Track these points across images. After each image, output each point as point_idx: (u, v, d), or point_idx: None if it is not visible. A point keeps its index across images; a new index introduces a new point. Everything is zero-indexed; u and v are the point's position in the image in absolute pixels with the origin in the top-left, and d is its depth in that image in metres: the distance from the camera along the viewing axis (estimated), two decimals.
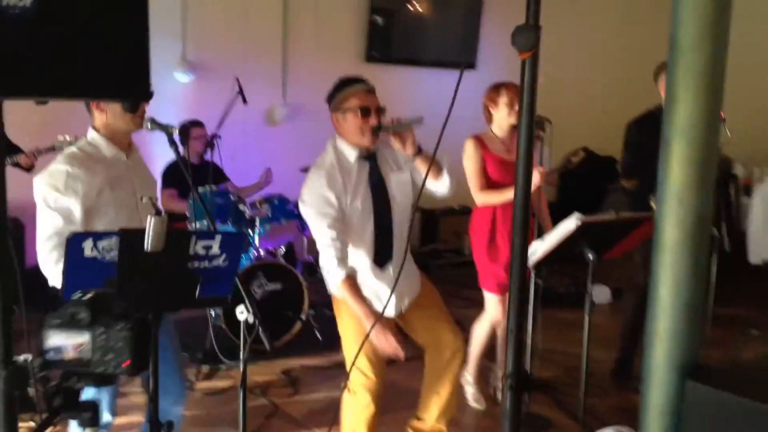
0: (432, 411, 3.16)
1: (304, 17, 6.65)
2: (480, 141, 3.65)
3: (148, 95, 1.33)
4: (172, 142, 2.44)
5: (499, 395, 4.00)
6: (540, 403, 3.89)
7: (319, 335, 4.74)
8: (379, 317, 2.68)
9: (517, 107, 3.63)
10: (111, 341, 1.39)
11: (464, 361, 3.19)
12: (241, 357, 2.35)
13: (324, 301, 5.00)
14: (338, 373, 4.18)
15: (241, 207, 4.66)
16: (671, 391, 2.60)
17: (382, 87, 5.40)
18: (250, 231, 4.51)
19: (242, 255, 4.34)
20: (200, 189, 4.56)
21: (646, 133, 4.04)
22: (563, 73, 7.19)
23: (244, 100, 5.36)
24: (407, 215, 2.94)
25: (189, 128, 4.91)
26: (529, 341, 3.59)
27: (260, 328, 2.32)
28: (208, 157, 4.94)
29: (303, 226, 5.02)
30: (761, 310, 5.71)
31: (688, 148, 2.57)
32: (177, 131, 2.47)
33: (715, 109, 2.58)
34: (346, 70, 3.54)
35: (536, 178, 3.44)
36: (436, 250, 7.57)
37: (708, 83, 2.55)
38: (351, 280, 2.72)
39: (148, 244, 1.88)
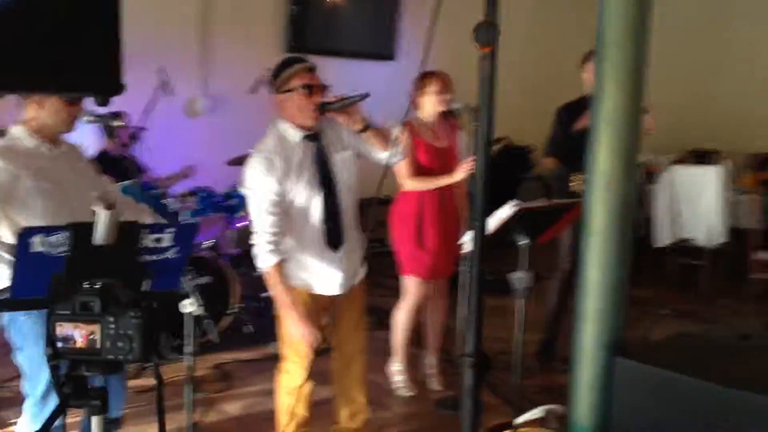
0: (343, 413, 3.18)
1: (223, 7, 6.55)
2: (411, 127, 3.71)
3: (119, 89, 1.31)
4: (111, 135, 2.39)
5: (432, 382, 4.08)
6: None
7: (250, 328, 4.71)
8: (299, 314, 2.76)
9: (446, 95, 3.72)
10: (121, 329, 1.37)
11: (386, 355, 3.22)
12: (185, 350, 2.34)
13: (253, 294, 4.98)
14: (271, 365, 4.14)
15: (167, 200, 4.57)
16: (600, 368, 2.75)
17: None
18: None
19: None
20: (125, 182, 4.45)
21: (574, 118, 4.24)
22: (471, 61, 7.34)
23: (169, 92, 5.24)
24: (354, 194, 2.96)
25: (111, 120, 4.73)
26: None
27: (209, 320, 2.31)
28: (131, 149, 4.81)
29: (231, 219, 4.98)
30: (667, 291, 6.08)
31: (614, 137, 2.72)
32: (115, 122, 2.42)
33: (637, 101, 2.74)
34: (266, 61, 3.50)
35: (466, 168, 3.54)
36: None
37: (631, 77, 2.71)
38: (278, 268, 2.76)
39: (97, 237, 1.85)
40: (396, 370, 4.08)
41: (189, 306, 2.29)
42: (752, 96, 7.43)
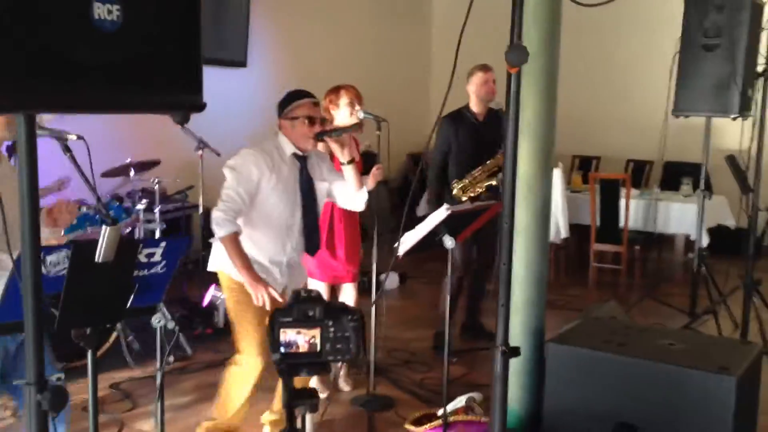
0: (278, 404, 3.30)
1: None
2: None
3: (201, 107, 1.30)
4: (66, 149, 2.24)
5: (341, 383, 4.16)
6: (378, 386, 4.12)
7: (136, 345, 4.50)
8: (255, 274, 2.89)
9: (358, 106, 3.84)
10: (339, 332, 1.36)
11: None
12: (158, 365, 2.26)
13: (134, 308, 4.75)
14: (172, 379, 4.05)
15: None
16: (528, 353, 3.04)
17: None
18: None
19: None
20: None
21: (456, 127, 4.54)
22: (317, 67, 7.52)
23: None
24: (319, 217, 3.27)
25: (64, 132, 4.30)
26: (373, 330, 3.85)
27: (179, 334, 2.25)
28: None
29: None
30: (556, 282, 6.57)
31: (532, 143, 3.01)
32: (69, 135, 2.26)
33: (552, 109, 3.06)
34: None
35: (377, 176, 3.69)
36: None
37: (547, 86, 3.02)
38: (234, 236, 2.92)
39: (99, 254, 1.77)
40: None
41: (160, 320, 2.22)
42: (574, 102, 8.29)
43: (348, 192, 3.17)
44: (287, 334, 1.38)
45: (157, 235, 4.75)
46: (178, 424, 3.62)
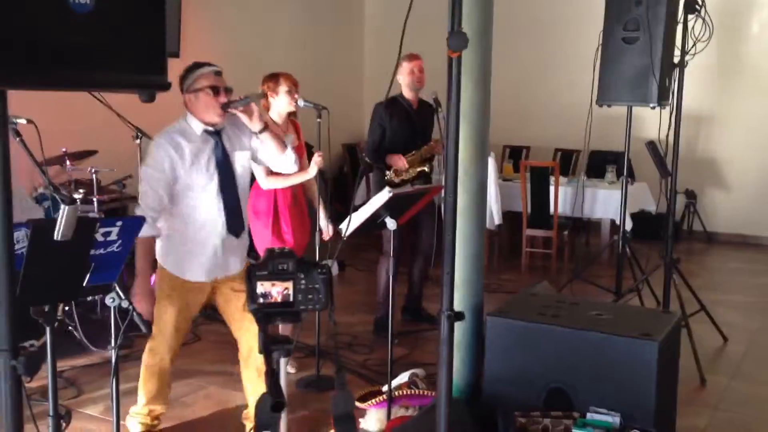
0: (250, 399, 3.32)
1: None
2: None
3: (166, 85, 1.38)
4: (17, 134, 2.25)
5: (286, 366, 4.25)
6: (323, 367, 4.23)
7: (79, 333, 4.47)
8: (147, 281, 2.94)
9: (296, 94, 3.91)
10: (310, 284, 1.44)
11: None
12: (112, 344, 2.31)
13: (91, 286, 4.71)
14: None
15: None
16: (468, 329, 3.20)
17: None
18: None
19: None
20: None
21: (391, 114, 4.67)
22: (251, 56, 7.54)
23: None
24: (247, 190, 3.18)
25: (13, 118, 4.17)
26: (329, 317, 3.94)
27: (134, 313, 2.30)
28: None
29: None
30: (491, 267, 6.75)
31: (468, 129, 3.17)
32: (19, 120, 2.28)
33: (486, 98, 3.22)
34: None
35: (318, 163, 3.78)
36: None
37: (481, 77, 3.18)
38: (150, 240, 2.93)
39: (58, 233, 1.82)
40: None
41: (114, 299, 2.27)
42: (503, 93, 8.55)
43: (274, 157, 3.12)
44: (263, 286, 1.49)
45: None
46: (124, 410, 3.64)
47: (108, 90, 1.49)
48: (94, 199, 4.72)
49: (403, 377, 3.59)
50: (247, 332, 3.16)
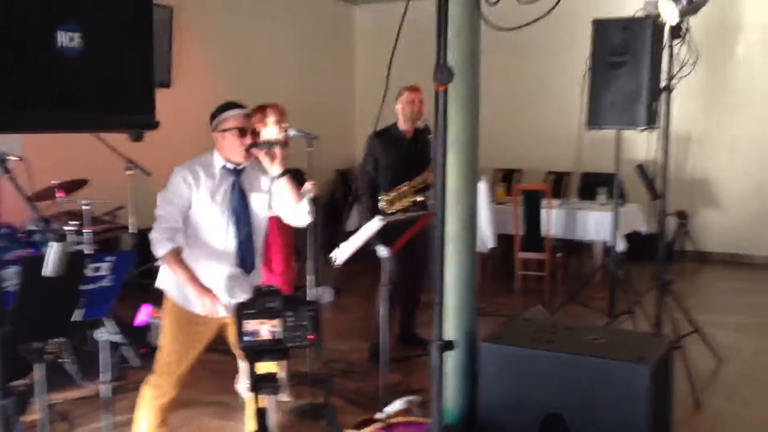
0: (249, 429, 3.31)
1: None
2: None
3: (154, 124, 1.39)
4: (6, 170, 2.25)
5: (282, 394, 4.21)
6: (316, 395, 4.22)
7: (72, 366, 4.44)
8: (202, 285, 2.90)
9: (285, 124, 3.94)
10: (298, 321, 1.45)
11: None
12: (101, 378, 2.30)
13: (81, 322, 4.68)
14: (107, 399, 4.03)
15: None
16: (462, 355, 3.19)
17: None
18: None
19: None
20: None
21: (385, 143, 4.71)
22: (242, 86, 7.58)
23: None
24: (263, 230, 3.21)
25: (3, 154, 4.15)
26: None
27: (130, 347, 2.30)
28: None
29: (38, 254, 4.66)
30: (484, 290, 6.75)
31: (458, 158, 3.19)
32: (10, 157, 2.28)
33: (474, 125, 3.24)
34: None
35: (310, 191, 3.79)
36: None
37: (469, 104, 3.21)
38: (175, 251, 2.92)
39: (47, 269, 1.83)
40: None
41: (105, 333, 2.26)
42: (495, 117, 8.62)
43: (288, 205, 3.15)
44: (251, 324, 1.49)
45: None
46: None
47: (96, 131, 1.50)
48: (85, 231, 4.71)
49: (398, 404, 3.57)
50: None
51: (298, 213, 3.15)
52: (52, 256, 1.83)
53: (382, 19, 8.96)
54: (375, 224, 3.08)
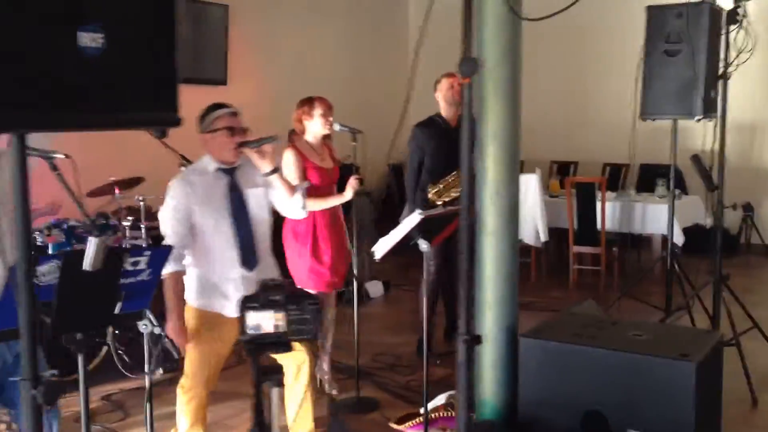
0: (289, 422, 3.38)
1: None
2: (298, 151, 3.92)
3: (177, 121, 1.43)
4: (54, 168, 2.36)
5: (326, 386, 4.27)
6: (365, 389, 4.25)
7: (126, 357, 4.60)
8: (180, 323, 3.02)
9: (330, 117, 3.99)
10: (300, 315, 1.50)
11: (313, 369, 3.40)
12: (146, 369, 2.38)
13: (122, 314, 4.84)
14: (161, 389, 4.14)
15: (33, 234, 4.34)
16: (502, 349, 3.17)
17: None
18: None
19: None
20: None
21: (428, 134, 4.70)
22: (297, 82, 7.66)
23: None
24: (264, 225, 3.22)
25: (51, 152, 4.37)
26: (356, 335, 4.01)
27: (168, 340, 2.37)
28: None
29: None
30: (538, 284, 6.69)
31: (499, 149, 3.16)
32: (57, 155, 2.40)
33: (517, 116, 3.20)
34: None
35: (354, 186, 3.84)
36: None
37: (510, 96, 3.17)
38: (176, 276, 3.01)
39: (87, 263, 1.90)
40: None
41: (146, 326, 2.34)
42: (550, 109, 8.48)
43: (282, 200, 3.16)
44: (255, 318, 1.52)
45: None
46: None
47: (120, 129, 1.55)
48: (142, 226, 4.86)
49: (440, 399, 3.58)
50: (290, 356, 3.21)
51: (292, 206, 3.18)
52: (90, 250, 1.90)
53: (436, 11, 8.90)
54: (414, 218, 3.07)
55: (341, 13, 9.03)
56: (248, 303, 1.52)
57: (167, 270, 2.90)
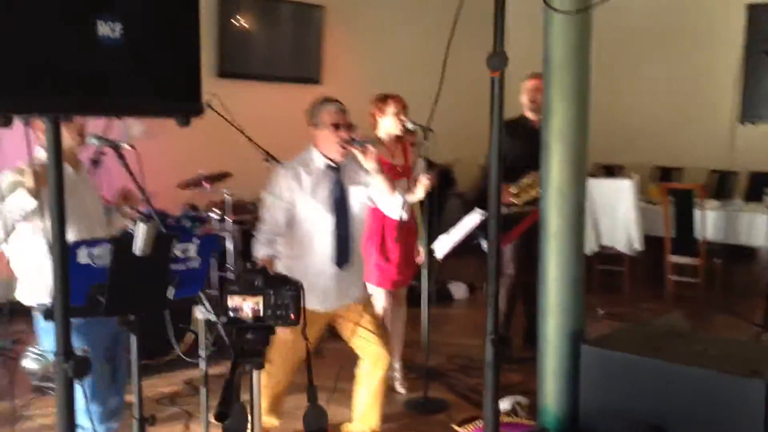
0: (356, 414, 3.44)
1: None
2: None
3: (199, 110, 1.49)
4: (120, 156, 2.51)
5: (397, 385, 4.28)
6: (434, 389, 4.24)
7: (211, 344, 4.78)
8: None
9: (403, 115, 3.99)
10: (279, 300, 1.58)
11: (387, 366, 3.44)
12: (202, 356, 2.49)
13: (215, 312, 5.04)
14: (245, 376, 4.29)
15: None
16: (564, 356, 3.07)
17: (236, 101, 5.55)
18: None
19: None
20: None
21: (510, 135, 4.62)
22: (389, 81, 7.69)
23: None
24: (362, 224, 3.34)
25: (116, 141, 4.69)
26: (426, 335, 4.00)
27: (222, 328, 2.46)
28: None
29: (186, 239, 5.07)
30: (593, 295, 6.45)
31: (564, 149, 3.06)
32: (123, 143, 2.55)
33: (584, 117, 3.10)
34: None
35: (426, 185, 3.82)
36: None
37: (577, 95, 3.07)
38: (269, 261, 3.08)
39: (136, 248, 1.99)
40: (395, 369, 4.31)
41: (202, 312, 2.43)
42: (650, 114, 8.12)
43: (382, 199, 3.22)
44: (234, 300, 1.56)
45: (229, 246, 5.03)
46: None
47: (144, 116, 1.61)
48: (228, 219, 5.05)
49: (504, 404, 3.51)
50: (367, 348, 3.30)
51: (393, 205, 3.23)
52: (139, 235, 2.00)
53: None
54: (475, 217, 3.03)
55: (433, 14, 9.01)
56: (228, 286, 1.56)
57: (261, 254, 3.04)
